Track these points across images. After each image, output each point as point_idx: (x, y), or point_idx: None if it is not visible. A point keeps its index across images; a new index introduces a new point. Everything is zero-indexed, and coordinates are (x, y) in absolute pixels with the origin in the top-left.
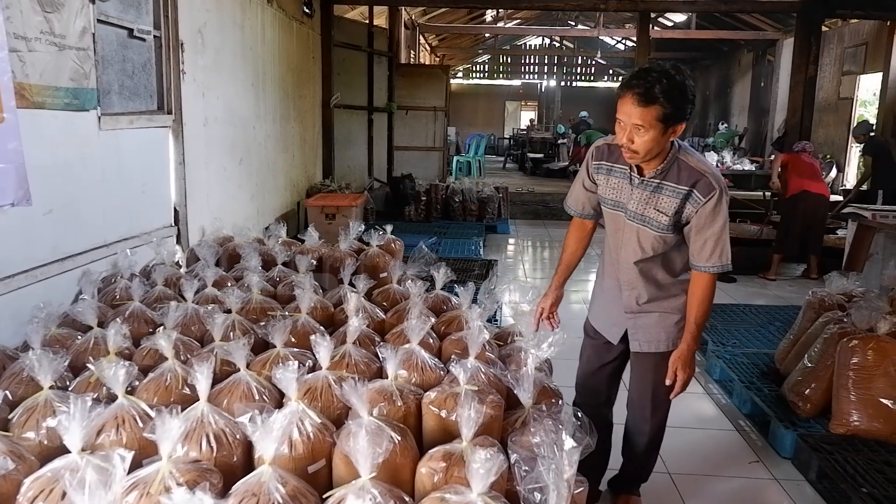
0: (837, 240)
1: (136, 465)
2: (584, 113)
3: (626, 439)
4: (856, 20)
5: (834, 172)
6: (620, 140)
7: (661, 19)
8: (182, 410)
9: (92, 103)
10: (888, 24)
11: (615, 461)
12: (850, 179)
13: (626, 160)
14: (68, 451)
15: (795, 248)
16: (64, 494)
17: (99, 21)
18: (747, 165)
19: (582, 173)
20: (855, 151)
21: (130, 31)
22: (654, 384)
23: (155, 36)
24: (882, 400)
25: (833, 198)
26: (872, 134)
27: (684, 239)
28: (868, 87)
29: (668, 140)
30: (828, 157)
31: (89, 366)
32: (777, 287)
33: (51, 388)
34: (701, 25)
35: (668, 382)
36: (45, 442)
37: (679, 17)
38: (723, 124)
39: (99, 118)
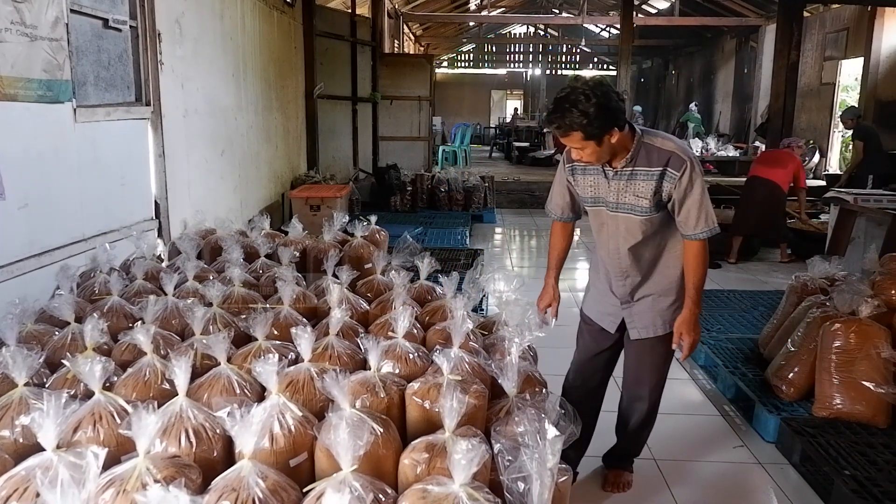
0: (820, 224)
1: (115, 462)
2: None
3: (621, 418)
4: (837, 5)
5: (817, 158)
6: (574, 156)
7: (644, 6)
8: (162, 406)
9: (67, 95)
10: (868, 9)
11: (597, 447)
12: (833, 164)
13: None
14: (44, 449)
15: (743, 229)
16: (38, 493)
17: (72, 11)
18: (731, 151)
19: (559, 178)
20: (837, 137)
21: (105, 21)
22: (650, 366)
23: (131, 26)
24: (864, 383)
25: (816, 183)
26: (860, 118)
27: (669, 216)
28: (850, 73)
29: (612, 143)
30: (811, 142)
31: (65, 362)
32: (761, 272)
33: (26, 385)
34: (684, 12)
35: (674, 347)
36: (21, 440)
37: (662, 4)
38: (694, 105)
39: (74, 110)
